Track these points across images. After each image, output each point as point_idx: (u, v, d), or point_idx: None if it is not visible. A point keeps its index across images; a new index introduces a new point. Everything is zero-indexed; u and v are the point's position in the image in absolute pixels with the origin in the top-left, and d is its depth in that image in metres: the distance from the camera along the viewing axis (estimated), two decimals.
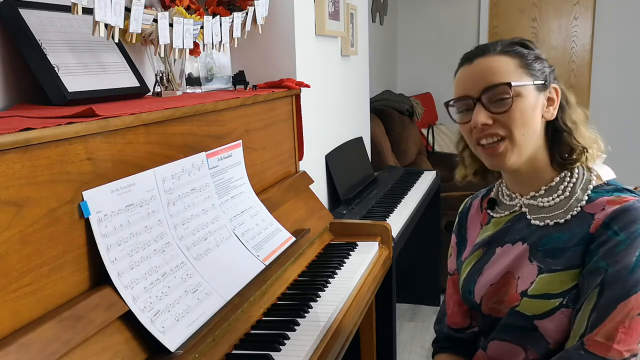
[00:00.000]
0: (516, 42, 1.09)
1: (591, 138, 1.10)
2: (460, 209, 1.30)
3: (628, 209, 0.99)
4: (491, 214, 1.19)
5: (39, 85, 1.27)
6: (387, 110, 3.88)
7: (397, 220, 2.29)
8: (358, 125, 2.99)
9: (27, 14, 1.27)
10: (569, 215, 1.05)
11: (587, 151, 1.08)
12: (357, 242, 1.86)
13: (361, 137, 2.97)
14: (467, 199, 1.30)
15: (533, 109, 1.05)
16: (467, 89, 1.07)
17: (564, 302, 1.01)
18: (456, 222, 1.29)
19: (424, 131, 4.52)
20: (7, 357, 0.79)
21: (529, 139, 1.06)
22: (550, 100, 1.08)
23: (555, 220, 1.06)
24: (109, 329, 0.98)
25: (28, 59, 1.27)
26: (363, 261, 1.71)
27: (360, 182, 2.68)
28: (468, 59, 1.09)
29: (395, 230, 2.10)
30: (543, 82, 1.07)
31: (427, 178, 3.05)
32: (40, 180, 0.91)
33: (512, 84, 1.03)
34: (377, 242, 1.87)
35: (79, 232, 0.99)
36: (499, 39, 1.12)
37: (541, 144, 1.08)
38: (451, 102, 1.10)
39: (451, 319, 1.26)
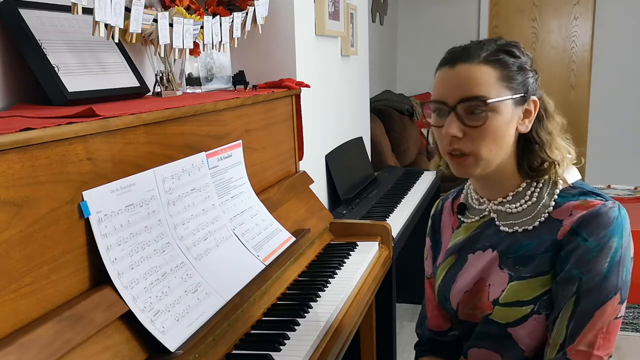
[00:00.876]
0: (503, 48, 1.04)
1: (565, 149, 1.06)
2: (432, 212, 1.28)
3: (595, 215, 0.98)
4: (462, 218, 1.18)
5: (39, 85, 1.27)
6: (387, 110, 3.89)
7: (397, 220, 2.29)
8: (358, 125, 2.99)
9: (27, 14, 1.27)
10: (537, 222, 1.04)
11: (557, 165, 1.05)
12: (357, 242, 1.86)
13: (361, 137, 2.97)
14: (438, 201, 1.29)
15: (507, 125, 1.02)
16: (444, 95, 1.03)
17: (535, 309, 1.01)
18: (430, 225, 1.27)
19: (424, 131, 4.52)
20: (7, 357, 0.79)
21: (498, 154, 1.03)
22: (527, 113, 1.04)
23: (523, 227, 1.06)
24: (109, 329, 0.98)
25: (28, 59, 1.27)
26: (363, 261, 1.71)
27: (360, 182, 2.68)
28: (451, 60, 1.04)
29: (395, 230, 2.10)
30: (523, 94, 1.03)
31: (427, 178, 3.05)
32: (40, 180, 0.91)
33: (489, 101, 0.99)
34: (377, 242, 1.87)
35: (79, 232, 0.99)
36: (494, 37, 1.07)
37: (511, 153, 1.06)
38: (427, 104, 1.07)
39: (432, 322, 1.26)
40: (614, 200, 1.01)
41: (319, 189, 2.26)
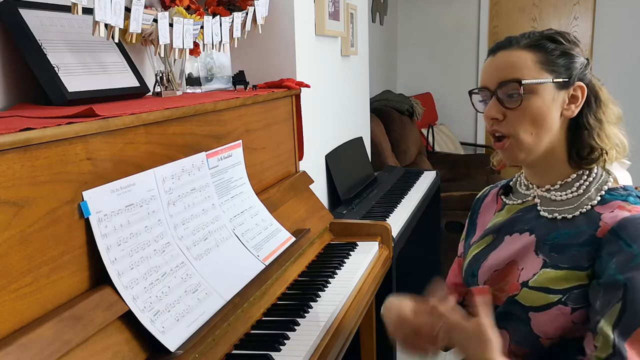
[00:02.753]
0: (546, 35, 1.07)
1: (615, 139, 1.07)
2: (477, 196, 1.30)
3: (638, 220, 0.97)
4: (505, 200, 1.19)
5: (39, 85, 1.27)
6: (387, 110, 3.89)
7: (397, 220, 2.29)
8: (358, 125, 2.99)
9: (27, 14, 1.27)
10: (578, 212, 1.04)
11: (606, 153, 1.06)
12: (357, 242, 1.86)
13: (361, 137, 2.97)
14: (486, 188, 1.30)
15: (549, 107, 1.04)
16: (486, 80, 1.08)
17: (563, 300, 1.01)
18: (472, 207, 1.30)
19: (424, 131, 4.52)
20: (7, 357, 0.79)
21: (541, 138, 1.05)
22: (573, 98, 1.06)
23: (563, 215, 1.06)
24: (109, 329, 0.98)
25: (28, 59, 1.26)
26: (363, 261, 1.71)
27: (360, 182, 2.68)
28: (494, 49, 1.10)
29: (395, 230, 2.10)
30: (567, 79, 1.05)
31: (427, 178, 3.05)
32: (40, 180, 0.91)
33: (523, 81, 1.03)
34: (377, 242, 1.87)
35: (79, 232, 0.99)
36: (533, 30, 1.10)
37: (560, 139, 1.07)
38: (474, 91, 1.12)
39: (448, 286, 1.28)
40: None
41: (319, 189, 2.26)
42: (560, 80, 1.05)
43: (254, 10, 1.84)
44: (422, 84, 5.08)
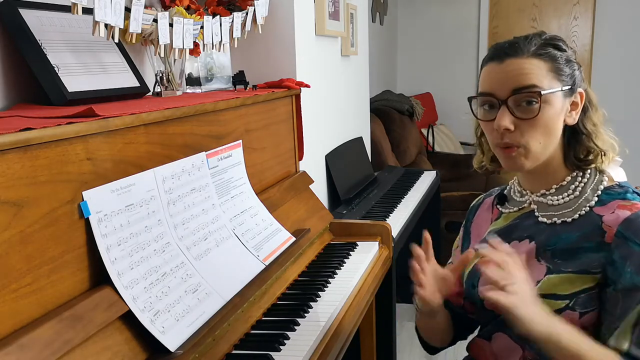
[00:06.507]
0: (550, 42, 1.06)
1: (609, 141, 1.08)
2: (472, 204, 1.30)
3: None
4: (501, 209, 1.19)
5: (39, 85, 1.27)
6: (387, 110, 3.88)
7: (397, 220, 2.29)
8: (358, 125, 2.99)
9: (27, 14, 1.27)
10: (577, 215, 1.04)
11: (604, 155, 1.06)
12: (357, 242, 1.85)
13: (361, 137, 2.97)
14: (480, 196, 1.30)
15: (558, 116, 1.04)
16: (494, 88, 1.04)
17: (570, 305, 1.00)
18: (466, 215, 1.29)
19: (424, 131, 4.52)
20: (7, 357, 0.79)
21: (547, 147, 1.05)
22: (574, 105, 1.06)
23: (562, 219, 1.06)
24: (109, 329, 0.98)
25: (28, 59, 1.26)
26: (363, 261, 1.71)
27: (360, 182, 2.68)
28: (499, 57, 1.05)
29: (395, 230, 2.10)
30: (570, 87, 1.05)
31: (427, 178, 3.05)
32: (40, 180, 0.91)
33: (543, 92, 1.01)
34: (377, 242, 1.86)
35: (79, 232, 0.99)
36: (538, 32, 1.08)
37: (558, 145, 1.07)
38: (476, 97, 1.09)
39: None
40: None
41: (319, 189, 2.26)
42: (567, 88, 1.04)
43: (254, 10, 1.84)
44: (422, 84, 5.08)
